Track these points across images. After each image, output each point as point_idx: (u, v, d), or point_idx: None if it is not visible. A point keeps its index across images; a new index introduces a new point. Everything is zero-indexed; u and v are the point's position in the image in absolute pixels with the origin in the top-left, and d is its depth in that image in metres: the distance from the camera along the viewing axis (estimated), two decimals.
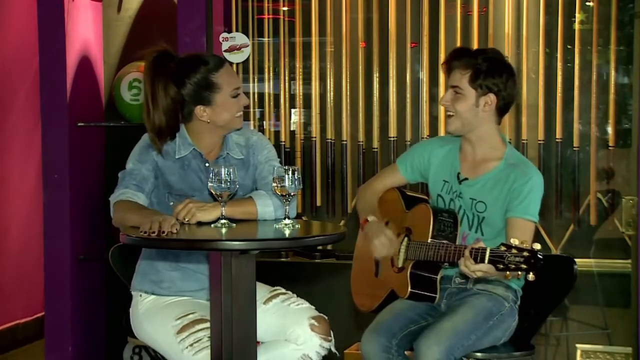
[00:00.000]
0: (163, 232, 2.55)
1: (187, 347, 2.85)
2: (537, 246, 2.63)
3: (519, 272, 2.63)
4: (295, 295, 3.08)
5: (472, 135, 3.13)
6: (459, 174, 3.16)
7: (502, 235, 3.06)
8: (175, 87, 2.95)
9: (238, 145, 3.09)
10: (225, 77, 2.98)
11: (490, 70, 3.06)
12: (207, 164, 3.01)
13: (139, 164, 2.98)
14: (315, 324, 2.93)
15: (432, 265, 3.08)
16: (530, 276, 2.62)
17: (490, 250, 2.69)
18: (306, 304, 3.03)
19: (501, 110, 3.13)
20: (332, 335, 2.97)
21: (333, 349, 2.98)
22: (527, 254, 2.62)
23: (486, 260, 2.69)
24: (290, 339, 2.92)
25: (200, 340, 2.84)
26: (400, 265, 3.19)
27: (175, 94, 2.95)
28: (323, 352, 2.94)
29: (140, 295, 3.06)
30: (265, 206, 2.88)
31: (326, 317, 2.99)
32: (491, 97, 3.08)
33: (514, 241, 2.66)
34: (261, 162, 3.08)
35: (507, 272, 2.66)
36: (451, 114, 3.11)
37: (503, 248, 2.67)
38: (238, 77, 3.12)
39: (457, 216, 3.11)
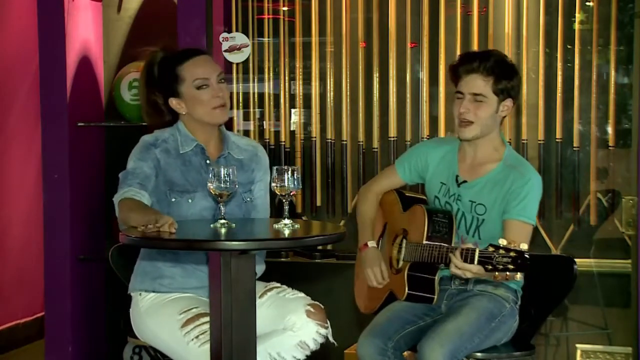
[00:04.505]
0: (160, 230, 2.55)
1: (192, 340, 2.84)
2: (524, 246, 2.61)
3: (507, 274, 2.62)
4: (290, 288, 3.07)
5: (483, 139, 3.09)
6: (457, 176, 3.14)
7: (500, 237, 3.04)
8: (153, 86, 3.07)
9: (238, 147, 3.12)
10: (190, 68, 3.00)
11: (508, 73, 3.03)
12: (207, 162, 3.03)
13: (141, 161, 2.98)
14: (312, 310, 2.92)
15: (429, 266, 3.07)
16: (518, 276, 2.61)
17: (480, 251, 2.68)
18: (301, 294, 3.02)
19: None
20: (328, 323, 2.94)
21: (330, 338, 2.95)
22: (514, 254, 2.61)
23: (475, 261, 2.68)
24: (286, 327, 2.90)
25: (205, 332, 2.83)
26: (398, 266, 3.18)
27: (155, 94, 3.07)
28: (320, 340, 2.91)
29: (140, 294, 3.05)
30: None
31: (322, 306, 2.97)
32: (509, 102, 3.06)
33: (502, 241, 2.64)
34: (262, 180, 3.14)
35: (496, 273, 2.64)
36: (469, 121, 3.03)
37: (491, 249, 2.65)
38: (210, 67, 3.01)
39: (452, 217, 3.08)
